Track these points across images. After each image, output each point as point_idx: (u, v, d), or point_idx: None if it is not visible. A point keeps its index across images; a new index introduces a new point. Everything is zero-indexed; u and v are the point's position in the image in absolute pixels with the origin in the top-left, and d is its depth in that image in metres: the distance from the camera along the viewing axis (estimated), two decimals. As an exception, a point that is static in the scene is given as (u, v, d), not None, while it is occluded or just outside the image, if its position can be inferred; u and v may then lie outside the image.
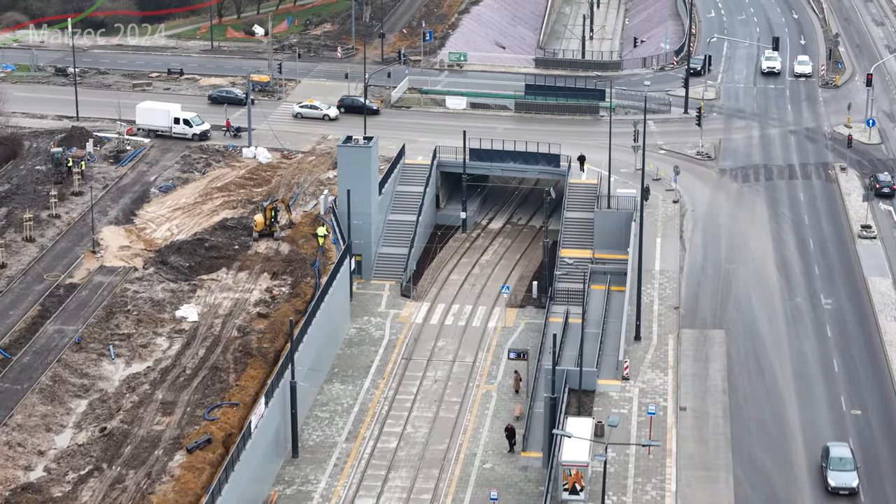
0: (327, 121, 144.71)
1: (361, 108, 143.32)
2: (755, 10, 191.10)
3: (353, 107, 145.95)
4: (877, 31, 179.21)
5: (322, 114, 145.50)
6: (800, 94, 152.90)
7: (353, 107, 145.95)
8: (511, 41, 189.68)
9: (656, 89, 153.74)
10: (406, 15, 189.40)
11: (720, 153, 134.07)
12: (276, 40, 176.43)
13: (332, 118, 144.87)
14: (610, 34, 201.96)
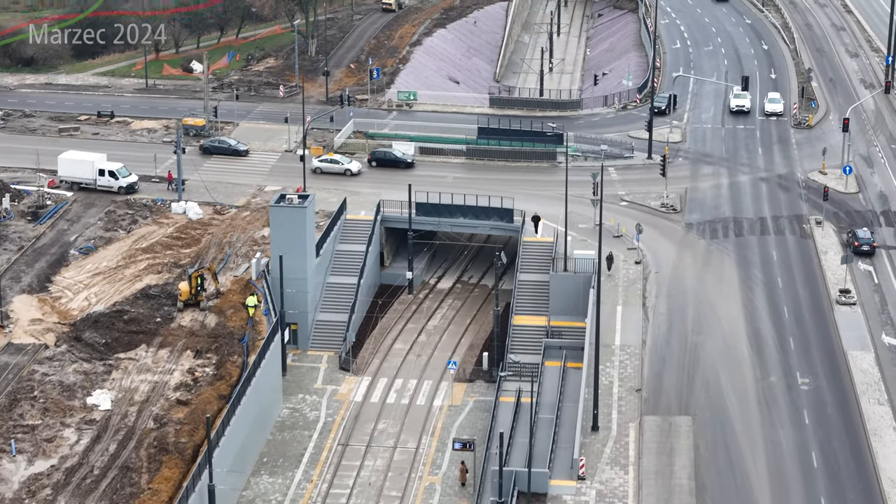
0: (349, 176, 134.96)
1: (395, 161, 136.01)
2: (723, 41, 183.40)
3: (386, 160, 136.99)
4: (851, 63, 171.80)
5: (343, 168, 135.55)
6: (771, 135, 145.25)
7: (386, 160, 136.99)
8: (466, 74, 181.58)
9: (618, 131, 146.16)
10: (354, 48, 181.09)
11: (686, 204, 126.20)
12: (215, 77, 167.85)
13: (353, 173, 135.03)
14: (570, 66, 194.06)
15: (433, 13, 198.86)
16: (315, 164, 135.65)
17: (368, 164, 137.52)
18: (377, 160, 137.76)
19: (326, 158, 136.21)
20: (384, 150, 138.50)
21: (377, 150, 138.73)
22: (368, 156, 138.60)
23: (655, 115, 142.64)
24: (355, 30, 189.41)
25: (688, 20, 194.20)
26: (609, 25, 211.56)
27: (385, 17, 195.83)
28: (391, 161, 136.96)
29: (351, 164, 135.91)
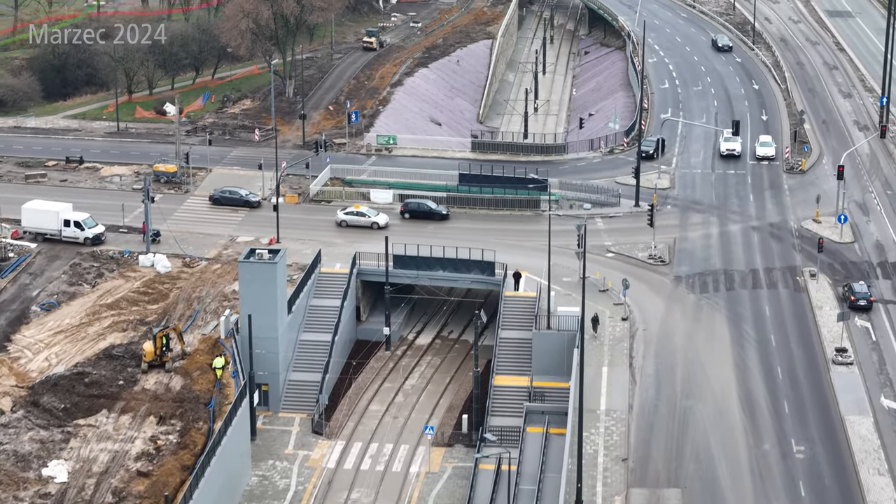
0: (375, 229, 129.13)
1: (429, 213, 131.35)
2: (712, 80, 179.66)
3: (420, 211, 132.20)
4: (844, 104, 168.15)
5: (370, 221, 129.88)
6: (763, 180, 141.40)
7: (420, 211, 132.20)
8: (448, 116, 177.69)
9: (605, 177, 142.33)
10: (333, 89, 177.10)
11: (675, 256, 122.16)
12: (188, 120, 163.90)
13: (381, 226, 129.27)
14: (556, 107, 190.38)
15: (415, 52, 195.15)
16: (340, 218, 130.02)
17: (401, 215, 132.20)
18: (410, 212, 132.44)
19: (352, 211, 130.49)
20: (417, 202, 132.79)
21: (410, 202, 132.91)
22: (401, 207, 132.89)
23: (643, 159, 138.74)
24: (335, 69, 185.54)
25: (676, 59, 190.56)
26: (596, 64, 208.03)
27: (366, 56, 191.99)
28: (425, 213, 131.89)
29: (378, 216, 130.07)
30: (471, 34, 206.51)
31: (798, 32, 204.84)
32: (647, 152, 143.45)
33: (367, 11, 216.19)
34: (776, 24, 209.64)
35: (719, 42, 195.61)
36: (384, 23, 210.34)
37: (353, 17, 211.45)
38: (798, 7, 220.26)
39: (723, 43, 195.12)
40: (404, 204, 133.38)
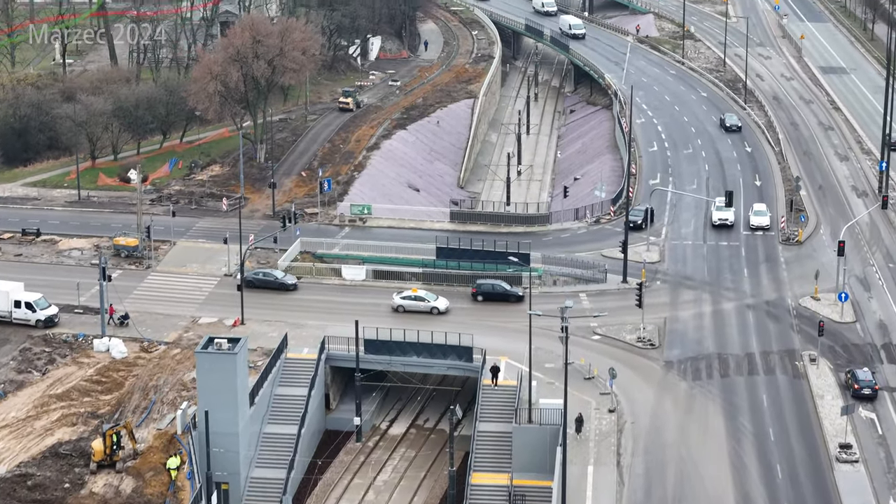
0: (435, 314, 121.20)
1: (504, 295, 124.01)
2: (703, 143, 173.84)
3: (494, 294, 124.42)
4: (841, 168, 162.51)
5: (429, 306, 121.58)
6: (757, 253, 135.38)
7: (494, 294, 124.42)
8: (427, 181, 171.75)
9: (591, 249, 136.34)
10: (307, 153, 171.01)
11: (665, 338, 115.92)
12: (153, 188, 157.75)
13: (441, 311, 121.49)
14: (540, 170, 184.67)
15: (393, 112, 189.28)
16: (396, 302, 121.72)
17: (473, 297, 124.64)
18: (483, 294, 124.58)
19: (409, 295, 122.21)
20: (492, 283, 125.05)
21: (483, 283, 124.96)
22: (473, 289, 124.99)
23: (631, 229, 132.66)
24: (309, 132, 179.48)
25: (665, 119, 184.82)
26: (582, 123, 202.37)
27: (342, 117, 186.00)
28: (500, 295, 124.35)
29: (437, 301, 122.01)
30: (452, 93, 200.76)
31: (791, 90, 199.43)
32: (636, 222, 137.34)
33: (344, 69, 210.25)
34: (768, 81, 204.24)
35: (727, 121, 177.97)
36: (362, 81, 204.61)
37: (329, 76, 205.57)
38: (790, 63, 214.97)
39: (731, 123, 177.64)
40: (477, 285, 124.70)
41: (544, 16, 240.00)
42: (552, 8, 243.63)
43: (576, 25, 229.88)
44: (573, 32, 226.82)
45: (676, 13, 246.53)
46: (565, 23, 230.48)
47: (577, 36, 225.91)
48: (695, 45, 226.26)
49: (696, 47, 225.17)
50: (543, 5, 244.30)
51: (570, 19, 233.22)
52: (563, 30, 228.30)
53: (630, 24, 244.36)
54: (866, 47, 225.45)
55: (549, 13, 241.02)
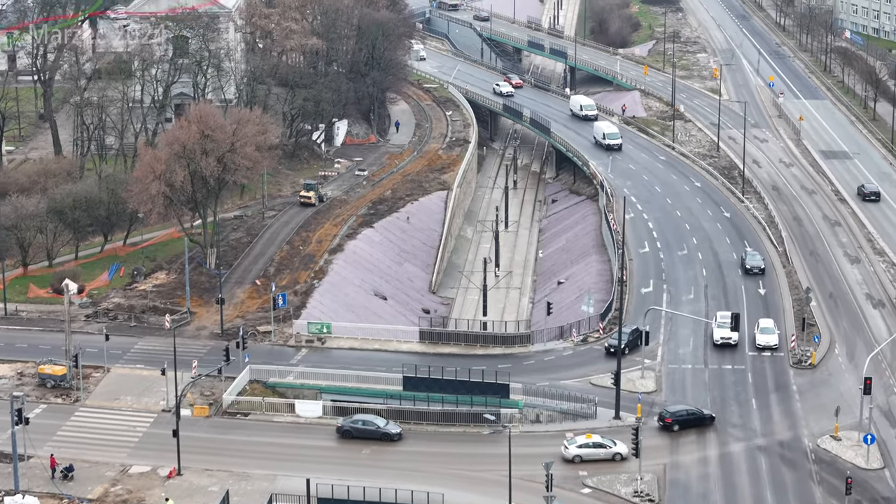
0: (618, 461, 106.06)
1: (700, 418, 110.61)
2: (699, 242, 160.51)
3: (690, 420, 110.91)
4: (852, 272, 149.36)
5: (611, 453, 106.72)
6: (766, 379, 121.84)
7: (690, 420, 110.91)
8: (396, 287, 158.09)
9: (578, 376, 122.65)
10: (263, 256, 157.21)
11: (666, 491, 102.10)
12: (90, 301, 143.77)
13: (623, 457, 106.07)
14: (519, 272, 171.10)
15: (359, 207, 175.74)
16: (572, 452, 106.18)
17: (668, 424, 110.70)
18: (679, 421, 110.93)
19: (587, 443, 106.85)
20: (687, 408, 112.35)
21: (668, 412, 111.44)
22: (668, 418, 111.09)
23: (610, 355, 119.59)
24: (266, 231, 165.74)
25: (657, 213, 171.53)
26: (565, 215, 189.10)
27: (303, 213, 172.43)
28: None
29: (618, 445, 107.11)
30: (423, 184, 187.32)
31: (791, 178, 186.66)
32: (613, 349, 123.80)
33: (307, 157, 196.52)
34: (766, 167, 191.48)
35: (748, 262, 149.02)
36: (326, 171, 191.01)
37: (291, 164, 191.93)
38: (789, 147, 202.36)
39: (753, 264, 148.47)
40: (673, 414, 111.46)
41: (582, 120, 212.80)
42: (592, 112, 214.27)
43: (611, 135, 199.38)
44: (608, 143, 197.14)
45: (664, 90, 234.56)
46: (599, 131, 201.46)
47: (612, 147, 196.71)
48: (685, 126, 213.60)
49: (687, 129, 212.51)
50: (582, 108, 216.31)
51: (604, 126, 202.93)
52: (597, 138, 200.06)
53: (615, 102, 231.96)
54: (868, 128, 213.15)
55: (588, 117, 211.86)
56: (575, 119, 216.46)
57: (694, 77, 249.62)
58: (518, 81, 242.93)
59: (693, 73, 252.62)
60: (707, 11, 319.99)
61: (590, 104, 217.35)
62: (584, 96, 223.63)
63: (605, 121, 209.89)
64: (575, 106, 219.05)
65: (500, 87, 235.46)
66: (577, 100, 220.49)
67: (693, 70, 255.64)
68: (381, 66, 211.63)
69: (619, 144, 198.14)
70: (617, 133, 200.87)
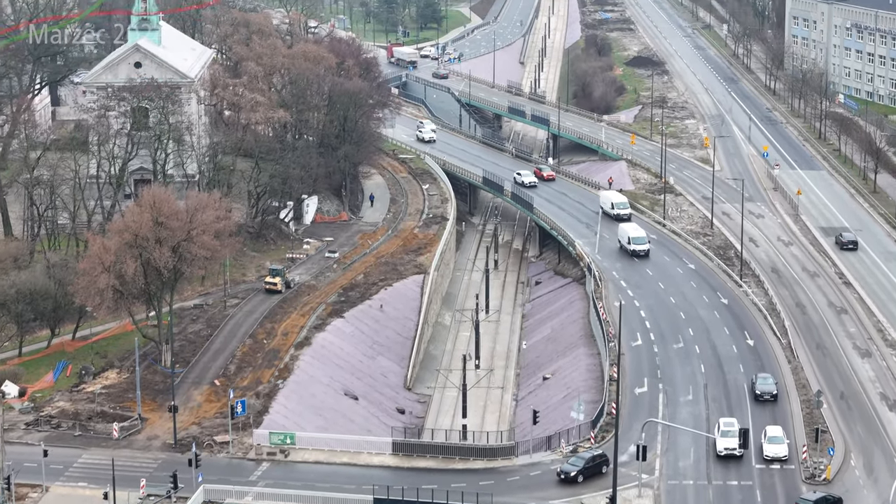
0: None
1: None
2: (695, 333, 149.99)
3: None
4: (863, 367, 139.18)
5: None
6: (776, 498, 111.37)
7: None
8: (368, 384, 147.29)
9: (568, 496, 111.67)
10: (224, 352, 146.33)
11: None
12: (32, 405, 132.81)
13: None
14: (502, 365, 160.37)
15: (329, 294, 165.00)
16: None
17: None
18: None
19: None
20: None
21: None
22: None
23: (564, 482, 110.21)
24: (228, 322, 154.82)
25: (649, 300, 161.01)
26: (550, 300, 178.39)
27: (268, 301, 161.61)
28: None
29: None
30: (398, 267, 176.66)
31: (791, 259, 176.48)
32: (568, 475, 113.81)
33: (274, 237, 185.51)
34: (763, 247, 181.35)
35: (758, 387, 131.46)
36: (294, 252, 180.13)
37: (256, 246, 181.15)
38: (787, 223, 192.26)
39: (765, 389, 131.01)
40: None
41: (614, 219, 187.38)
42: (625, 210, 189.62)
43: (637, 239, 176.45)
44: (633, 248, 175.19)
45: (652, 160, 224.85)
46: (624, 234, 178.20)
47: (638, 253, 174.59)
48: (676, 200, 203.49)
49: (678, 203, 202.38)
50: (614, 206, 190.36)
51: (630, 229, 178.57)
52: (622, 242, 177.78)
53: (600, 173, 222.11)
54: (870, 202, 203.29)
55: (620, 217, 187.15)
56: (607, 217, 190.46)
57: (683, 146, 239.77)
58: (550, 173, 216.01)
59: (682, 142, 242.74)
60: (694, 74, 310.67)
61: (622, 202, 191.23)
62: (615, 192, 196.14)
63: (631, 223, 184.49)
64: (605, 203, 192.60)
65: (522, 178, 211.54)
66: (608, 196, 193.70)
67: (682, 138, 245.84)
68: (353, 139, 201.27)
69: (646, 251, 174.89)
70: (644, 237, 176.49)
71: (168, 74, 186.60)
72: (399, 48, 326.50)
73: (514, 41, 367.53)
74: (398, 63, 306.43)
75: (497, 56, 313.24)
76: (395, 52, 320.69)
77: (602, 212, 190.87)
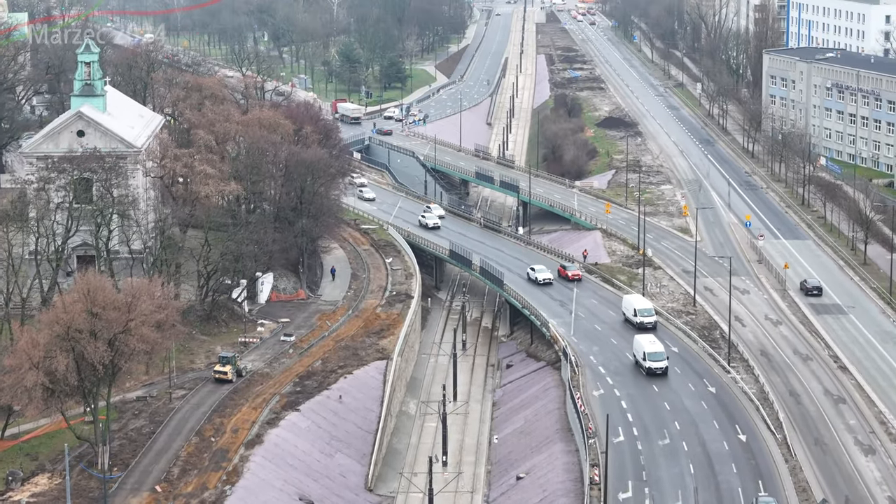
0: None
1: None
2: (682, 427, 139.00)
3: None
4: (867, 467, 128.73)
5: None
6: None
7: None
8: (325, 487, 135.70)
9: None
10: (167, 452, 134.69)
11: None
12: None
13: None
14: (471, 466, 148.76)
15: (285, 383, 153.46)
16: None
17: None
18: None
19: None
20: None
21: None
22: None
23: None
24: (173, 416, 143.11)
25: (630, 390, 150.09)
26: (522, 387, 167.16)
27: (218, 391, 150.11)
28: None
29: None
30: (359, 352, 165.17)
31: (781, 340, 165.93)
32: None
33: (226, 319, 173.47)
34: (751, 326, 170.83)
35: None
36: (247, 336, 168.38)
37: (207, 328, 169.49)
38: (774, 299, 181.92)
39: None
40: None
41: (638, 328, 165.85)
42: (650, 319, 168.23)
43: (654, 355, 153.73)
44: (649, 366, 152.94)
45: (628, 229, 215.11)
46: (640, 349, 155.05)
47: (654, 371, 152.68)
48: (655, 274, 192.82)
49: (657, 278, 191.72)
50: (637, 313, 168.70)
51: (645, 343, 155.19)
52: (637, 358, 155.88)
53: (574, 244, 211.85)
54: (860, 274, 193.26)
55: (644, 326, 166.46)
56: (628, 324, 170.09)
57: (660, 213, 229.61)
58: (576, 273, 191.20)
59: (659, 209, 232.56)
60: (668, 136, 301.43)
61: (647, 308, 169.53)
62: (639, 297, 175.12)
63: (648, 334, 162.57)
64: (627, 309, 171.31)
65: (536, 274, 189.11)
66: (630, 301, 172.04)
67: (658, 205, 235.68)
68: (311, 212, 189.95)
69: (663, 369, 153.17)
70: (662, 354, 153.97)
71: (113, 143, 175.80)
72: (343, 104, 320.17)
73: (481, 101, 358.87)
74: (342, 119, 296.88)
75: (464, 117, 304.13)
76: (339, 108, 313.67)
77: (624, 318, 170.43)
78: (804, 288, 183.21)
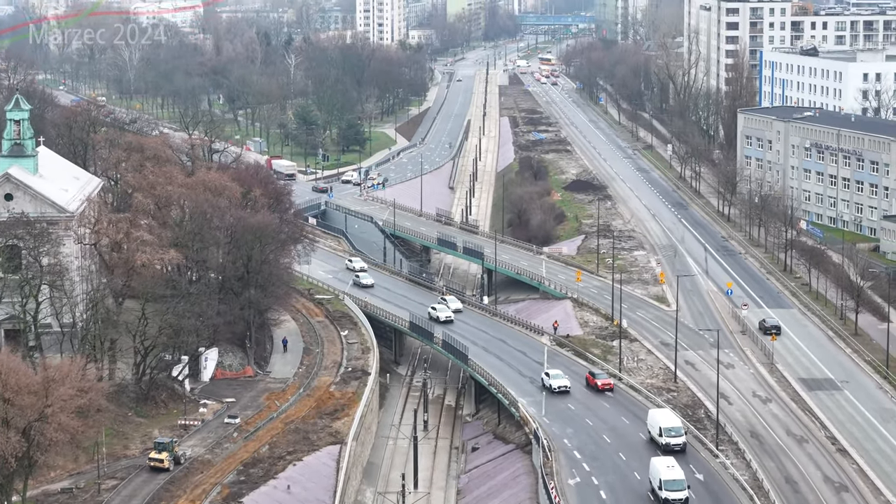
0: None
1: None
2: None
3: None
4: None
5: None
6: None
7: None
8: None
9: None
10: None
11: None
12: None
13: None
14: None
15: (227, 471, 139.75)
16: None
17: None
18: None
19: None
20: None
21: None
22: None
23: None
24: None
25: (609, 475, 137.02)
26: (490, 472, 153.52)
27: (153, 481, 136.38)
28: None
29: None
30: (310, 436, 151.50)
31: (772, 420, 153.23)
32: None
33: (165, 399, 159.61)
34: (738, 404, 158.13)
35: None
36: (188, 418, 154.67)
37: (144, 409, 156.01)
38: (761, 375, 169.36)
39: None
40: None
41: (664, 450, 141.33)
42: (677, 440, 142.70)
43: (669, 483, 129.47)
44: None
45: (600, 298, 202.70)
46: (656, 475, 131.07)
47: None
48: (631, 347, 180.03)
49: (634, 351, 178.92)
50: (662, 433, 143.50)
51: (663, 470, 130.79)
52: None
53: (543, 315, 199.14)
54: (852, 346, 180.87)
55: (670, 447, 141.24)
56: (655, 445, 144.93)
57: (634, 281, 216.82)
58: (606, 382, 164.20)
59: (633, 276, 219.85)
60: (639, 199, 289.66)
61: (675, 427, 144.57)
62: (667, 413, 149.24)
63: (667, 457, 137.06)
64: (653, 427, 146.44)
65: (551, 380, 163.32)
66: (656, 418, 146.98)
67: (632, 272, 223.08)
68: (258, 282, 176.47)
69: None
70: (678, 475, 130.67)
71: (43, 208, 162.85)
72: (277, 160, 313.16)
73: (443, 164, 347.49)
74: (276, 177, 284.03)
75: (425, 180, 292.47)
76: (274, 165, 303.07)
77: (650, 437, 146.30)
78: (763, 327, 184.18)
